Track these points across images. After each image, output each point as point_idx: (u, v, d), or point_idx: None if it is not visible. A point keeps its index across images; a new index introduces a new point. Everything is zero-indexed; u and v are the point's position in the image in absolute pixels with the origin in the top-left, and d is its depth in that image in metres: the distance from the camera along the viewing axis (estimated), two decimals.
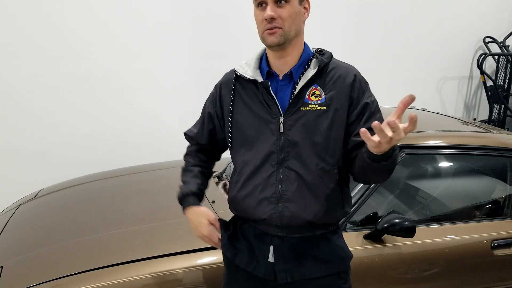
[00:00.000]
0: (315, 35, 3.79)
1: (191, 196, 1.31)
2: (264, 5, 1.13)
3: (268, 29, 1.12)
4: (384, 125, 0.94)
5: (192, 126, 1.42)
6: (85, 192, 2.31)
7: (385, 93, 4.25)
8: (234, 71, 1.28)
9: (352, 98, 1.18)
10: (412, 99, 0.93)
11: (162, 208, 2.00)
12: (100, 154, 3.28)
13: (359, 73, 1.23)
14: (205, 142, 1.38)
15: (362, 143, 1.11)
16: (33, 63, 2.99)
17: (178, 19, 3.34)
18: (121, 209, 2.02)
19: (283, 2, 1.12)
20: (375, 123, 0.93)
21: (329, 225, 1.26)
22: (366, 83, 1.23)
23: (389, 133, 0.94)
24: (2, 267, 1.58)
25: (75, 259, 1.57)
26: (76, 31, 3.06)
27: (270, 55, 1.22)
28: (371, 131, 1.01)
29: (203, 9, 3.39)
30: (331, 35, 3.92)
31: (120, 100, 3.29)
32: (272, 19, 1.11)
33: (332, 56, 1.23)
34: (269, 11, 1.11)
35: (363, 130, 0.95)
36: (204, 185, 1.37)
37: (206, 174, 1.41)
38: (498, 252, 1.89)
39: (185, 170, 1.39)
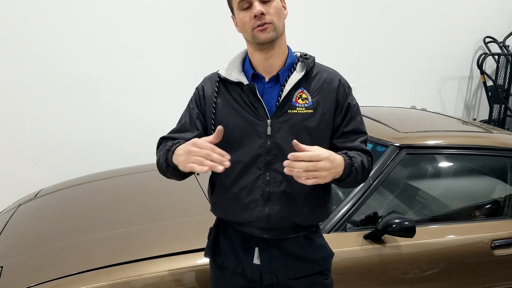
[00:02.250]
0: (315, 35, 3.80)
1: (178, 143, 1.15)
2: (248, 5, 1.12)
3: (259, 26, 1.12)
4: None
5: (176, 133, 1.26)
6: (85, 192, 2.31)
7: (386, 93, 4.28)
8: (216, 74, 1.26)
9: (338, 102, 1.22)
10: (295, 144, 1.03)
11: (162, 208, 2.00)
12: (100, 154, 3.28)
13: (342, 77, 1.26)
14: None
15: (341, 148, 1.21)
16: (32, 63, 2.99)
17: (176, 19, 3.34)
18: (121, 209, 2.02)
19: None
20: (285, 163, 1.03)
21: (312, 226, 1.29)
22: (349, 87, 1.26)
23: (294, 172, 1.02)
24: (2, 267, 1.58)
25: (75, 259, 1.57)
26: (79, 32, 3.06)
27: (256, 57, 1.20)
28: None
29: (202, 9, 3.39)
30: (330, 35, 3.92)
31: (120, 100, 3.28)
32: (261, 15, 1.11)
33: (315, 60, 1.26)
34: (258, 7, 1.10)
35: (286, 163, 1.03)
36: None
37: None
38: (498, 252, 1.89)
39: (164, 144, 1.21)
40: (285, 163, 1.02)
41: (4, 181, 3.07)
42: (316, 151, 1.03)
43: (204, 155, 1.00)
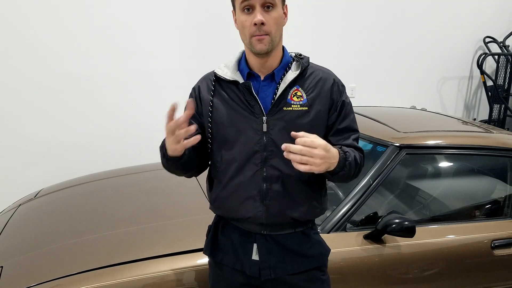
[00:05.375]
0: (315, 35, 3.80)
1: None
2: (250, 9, 1.14)
3: (257, 35, 1.14)
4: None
5: None
6: (85, 192, 2.31)
7: (386, 93, 4.27)
8: (212, 73, 1.29)
9: (333, 100, 1.25)
10: (293, 135, 1.07)
11: (162, 208, 2.00)
12: (100, 154, 3.28)
13: (336, 76, 1.30)
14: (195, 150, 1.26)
15: (336, 145, 1.22)
16: (32, 63, 2.99)
17: (175, 19, 3.35)
18: (121, 209, 2.02)
19: (270, 7, 1.13)
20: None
21: (308, 222, 1.32)
22: (343, 86, 1.30)
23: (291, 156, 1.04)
24: (2, 267, 1.58)
25: (75, 259, 1.57)
26: (78, 33, 3.06)
27: (252, 58, 1.23)
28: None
29: (201, 9, 3.39)
30: (330, 36, 3.92)
31: (120, 101, 3.29)
32: (261, 24, 1.12)
33: (309, 60, 1.29)
34: (260, 16, 1.12)
35: (284, 146, 1.05)
36: (193, 153, 1.22)
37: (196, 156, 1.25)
38: (498, 252, 1.89)
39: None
40: (283, 146, 1.05)
41: (4, 181, 3.07)
42: (312, 137, 1.06)
43: (174, 135, 1.08)
